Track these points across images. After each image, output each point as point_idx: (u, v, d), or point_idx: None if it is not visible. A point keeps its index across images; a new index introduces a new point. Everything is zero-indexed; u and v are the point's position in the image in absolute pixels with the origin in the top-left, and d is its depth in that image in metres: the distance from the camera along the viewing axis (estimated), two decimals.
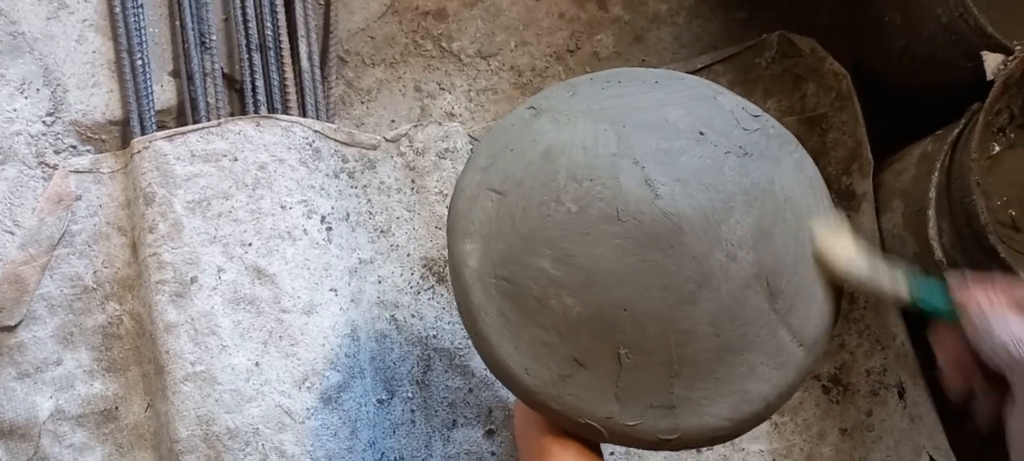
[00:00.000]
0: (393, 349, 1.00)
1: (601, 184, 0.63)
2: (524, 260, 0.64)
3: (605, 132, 0.65)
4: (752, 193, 0.64)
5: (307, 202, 0.94)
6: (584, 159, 0.64)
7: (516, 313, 0.65)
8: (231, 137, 0.93)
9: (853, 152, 1.06)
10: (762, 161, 0.67)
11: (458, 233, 0.68)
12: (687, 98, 0.69)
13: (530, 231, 0.64)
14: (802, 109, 1.08)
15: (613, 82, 0.71)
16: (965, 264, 0.89)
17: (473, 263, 0.66)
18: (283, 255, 0.92)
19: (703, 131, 0.66)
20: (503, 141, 0.69)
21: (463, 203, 0.68)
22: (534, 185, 0.65)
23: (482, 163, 0.69)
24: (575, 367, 0.64)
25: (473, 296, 0.66)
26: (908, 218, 0.95)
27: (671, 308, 0.62)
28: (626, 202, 0.62)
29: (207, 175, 0.92)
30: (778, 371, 0.65)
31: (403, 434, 0.99)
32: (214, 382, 0.89)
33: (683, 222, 0.62)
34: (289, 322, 0.91)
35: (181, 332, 0.90)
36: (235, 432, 0.89)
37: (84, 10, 0.97)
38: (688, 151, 0.65)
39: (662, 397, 0.63)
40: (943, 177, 0.88)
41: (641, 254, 0.62)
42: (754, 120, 0.70)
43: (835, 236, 0.67)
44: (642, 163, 0.63)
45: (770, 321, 0.64)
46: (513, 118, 0.71)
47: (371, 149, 1.01)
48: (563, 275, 0.63)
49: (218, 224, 0.92)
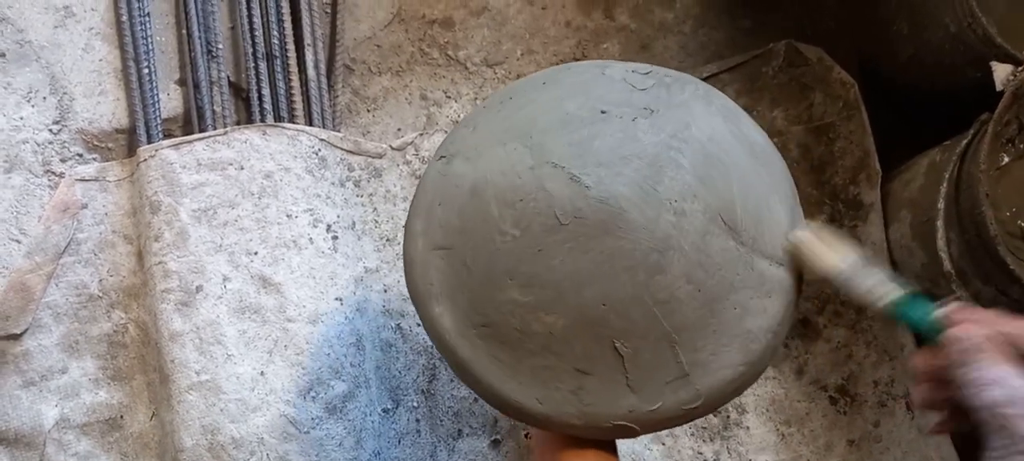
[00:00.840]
0: (399, 358, 1.00)
1: (532, 199, 0.63)
2: (493, 299, 0.64)
3: (516, 150, 0.66)
4: (671, 144, 0.64)
5: (313, 211, 0.94)
6: (507, 182, 0.65)
7: (506, 351, 0.65)
8: (237, 146, 0.93)
9: (860, 162, 1.06)
10: (670, 111, 0.66)
11: (423, 300, 0.68)
12: (578, 84, 0.69)
13: (487, 270, 0.64)
14: (809, 118, 1.08)
15: (505, 100, 0.71)
16: (974, 275, 0.88)
17: (448, 323, 0.67)
18: (289, 264, 0.92)
19: (604, 109, 0.66)
20: (429, 198, 0.69)
21: (417, 272, 0.68)
22: (474, 227, 0.65)
23: (419, 227, 0.69)
24: (581, 377, 0.64)
25: (461, 353, 0.67)
26: (916, 228, 0.95)
27: (644, 284, 0.62)
28: (561, 206, 0.62)
29: (213, 184, 0.92)
30: (769, 298, 0.65)
31: (408, 444, 0.99)
32: (219, 391, 0.89)
33: (621, 201, 0.62)
34: (294, 331, 0.91)
35: (186, 341, 0.90)
36: (240, 442, 0.89)
37: (91, 19, 0.97)
38: (598, 134, 0.65)
39: (672, 370, 0.63)
40: (951, 188, 0.88)
41: (596, 247, 0.62)
42: (646, 78, 0.69)
43: (816, 235, 0.66)
44: (561, 164, 0.63)
45: (742, 256, 0.64)
46: (430, 173, 0.71)
47: (377, 157, 1.01)
48: (534, 297, 0.63)
49: (224, 233, 0.91)
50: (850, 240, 0.67)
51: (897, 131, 1.07)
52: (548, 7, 1.08)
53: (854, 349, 1.05)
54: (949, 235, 0.89)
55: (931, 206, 0.90)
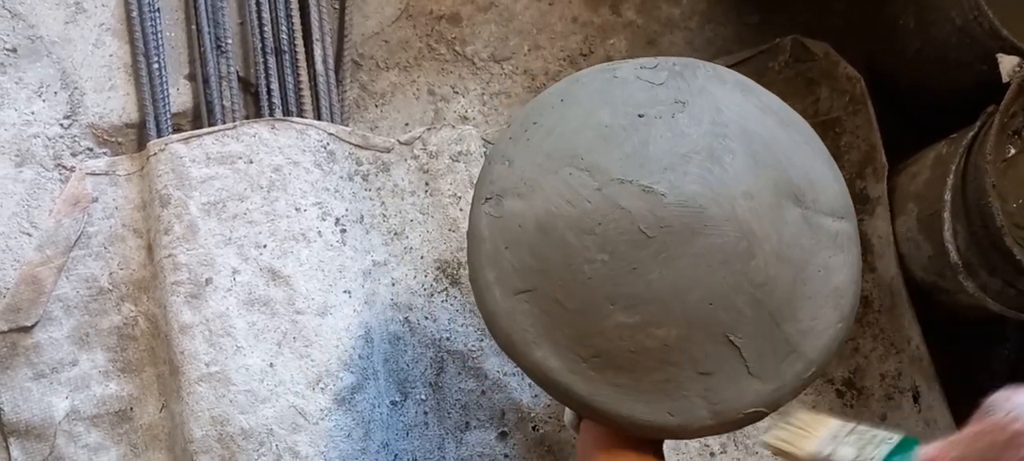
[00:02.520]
0: (407, 351, 1.00)
1: (611, 220, 0.63)
2: (598, 328, 0.63)
3: (573, 176, 0.65)
4: (716, 132, 0.65)
5: (321, 204, 0.94)
6: (577, 211, 0.64)
7: (624, 375, 0.64)
8: (246, 140, 0.93)
9: (867, 156, 1.06)
10: (699, 99, 0.67)
11: (520, 348, 0.66)
12: (598, 94, 0.69)
13: (584, 301, 0.64)
14: (816, 113, 1.08)
15: (529, 126, 0.70)
16: (980, 266, 0.89)
17: (554, 364, 0.65)
18: (297, 257, 0.93)
19: (640, 112, 0.67)
20: (492, 245, 0.68)
21: (504, 322, 0.67)
22: (554, 262, 0.65)
23: (491, 277, 0.67)
24: (705, 379, 0.64)
25: (578, 389, 0.65)
26: (923, 221, 0.95)
27: (742, 273, 0.62)
28: (644, 219, 0.62)
29: (222, 177, 0.93)
30: (842, 252, 0.66)
31: (416, 436, 0.99)
32: (228, 383, 0.90)
33: (699, 199, 0.62)
34: (303, 323, 0.92)
35: (196, 333, 0.90)
36: (249, 433, 0.89)
37: (101, 14, 0.98)
38: (648, 139, 0.65)
39: (783, 346, 0.64)
40: (958, 180, 0.88)
41: (687, 250, 0.62)
42: (657, 71, 0.70)
43: (789, 425, 0.66)
44: (627, 178, 0.64)
45: (810, 219, 0.65)
46: (480, 219, 0.69)
47: (385, 152, 1.01)
48: (640, 316, 0.63)
49: (233, 226, 0.92)
50: (821, 414, 0.66)
51: (903, 126, 1.08)
52: (555, 3, 1.09)
53: (861, 342, 1.05)
54: (956, 227, 0.89)
55: (938, 198, 0.90)
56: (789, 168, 0.66)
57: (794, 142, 0.68)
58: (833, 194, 0.68)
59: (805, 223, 0.65)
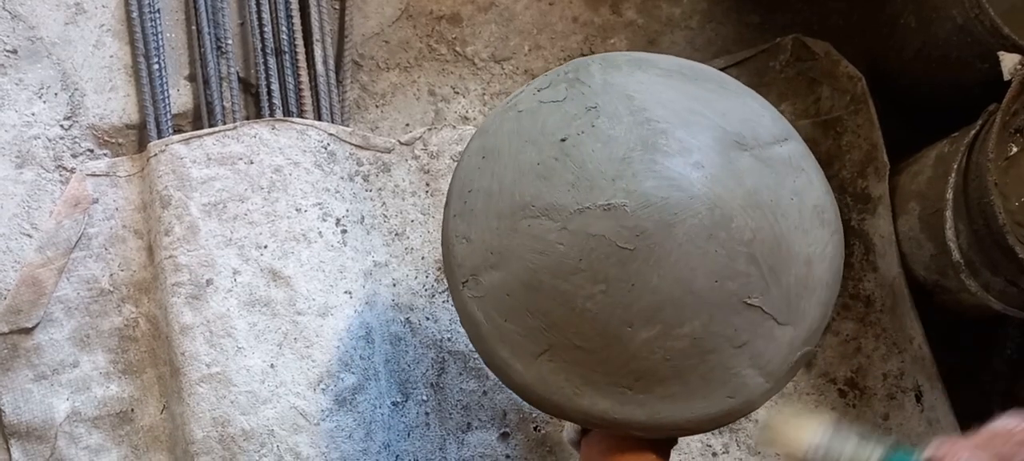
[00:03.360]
0: (408, 351, 1.00)
1: (590, 251, 0.62)
2: (628, 353, 0.63)
3: (531, 226, 0.64)
4: (637, 120, 0.65)
5: (322, 205, 0.94)
6: (554, 259, 0.63)
7: (673, 384, 0.64)
8: (247, 140, 0.93)
9: (868, 155, 1.06)
10: (604, 99, 0.67)
11: (566, 405, 0.66)
12: (514, 138, 0.68)
13: (604, 335, 0.63)
14: (817, 112, 1.08)
15: (467, 196, 0.69)
16: (983, 265, 0.88)
17: (605, 404, 0.65)
18: (298, 257, 0.93)
19: (562, 136, 0.65)
20: (493, 326, 0.67)
21: (540, 388, 0.66)
22: (560, 314, 0.64)
23: (506, 354, 0.67)
24: (744, 349, 0.64)
25: (639, 417, 0.65)
26: (925, 220, 0.95)
27: (728, 238, 0.62)
28: (619, 236, 0.62)
29: (223, 178, 0.93)
30: (802, 171, 0.67)
31: (417, 437, 0.99)
32: (229, 384, 0.90)
33: (658, 193, 0.62)
34: (304, 324, 0.92)
35: (197, 334, 0.90)
36: (250, 433, 0.89)
37: (102, 15, 0.98)
38: (582, 159, 0.64)
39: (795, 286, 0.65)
40: (960, 178, 0.88)
41: (672, 243, 0.62)
42: (554, 90, 0.69)
43: (783, 421, 0.66)
44: (582, 205, 0.63)
45: (759, 157, 0.66)
46: (468, 305, 0.68)
47: (385, 152, 1.01)
48: (661, 323, 0.62)
49: (234, 226, 0.92)
50: (815, 413, 0.67)
51: (905, 125, 1.08)
52: (555, 3, 1.09)
53: (863, 342, 1.05)
54: (958, 226, 0.89)
55: (939, 197, 0.90)
56: (719, 120, 0.65)
57: (711, 92, 0.68)
58: (768, 122, 0.68)
59: (758, 162, 0.65)
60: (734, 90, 0.69)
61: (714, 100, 0.67)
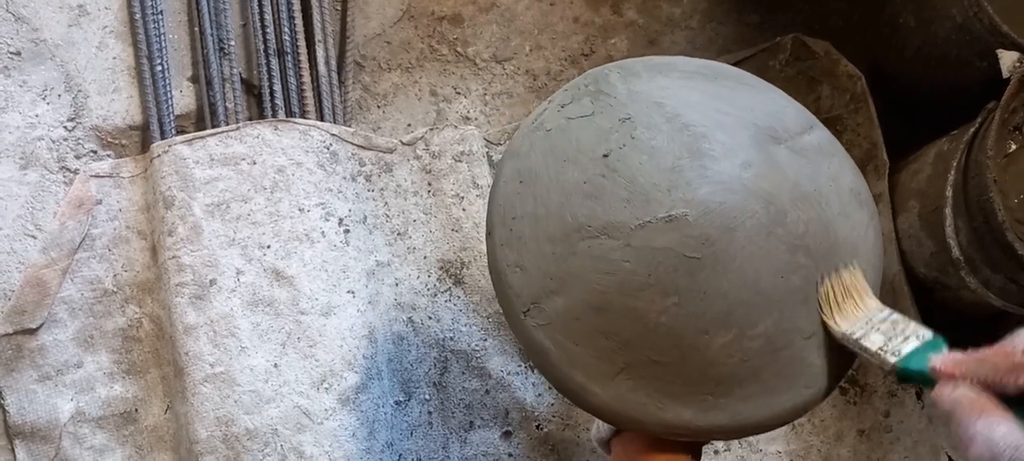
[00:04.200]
0: (410, 351, 1.00)
1: (657, 265, 0.62)
2: (706, 360, 0.62)
3: (591, 247, 0.63)
4: (675, 128, 0.65)
5: (325, 205, 0.95)
6: (620, 278, 0.62)
7: (750, 383, 0.63)
8: (249, 141, 0.94)
9: (868, 153, 1.06)
10: (635, 108, 0.67)
11: (653, 420, 0.65)
12: (550, 159, 0.67)
13: (680, 345, 0.62)
14: (817, 111, 1.08)
15: (511, 223, 0.67)
16: (983, 263, 0.89)
17: (689, 414, 0.64)
18: (301, 257, 0.93)
19: (604, 152, 0.65)
20: (564, 350, 0.65)
21: (620, 407, 0.65)
22: (632, 331, 0.63)
23: (580, 379, 0.65)
24: (814, 338, 0.64)
25: (722, 423, 0.64)
26: (924, 218, 0.95)
27: (785, 235, 0.62)
28: (684, 247, 0.61)
29: (226, 178, 0.93)
30: (833, 156, 0.68)
31: (420, 436, 0.99)
32: (233, 383, 0.90)
33: (715, 198, 0.62)
34: (307, 323, 0.92)
35: (200, 334, 0.91)
36: (254, 433, 0.90)
37: (105, 17, 0.98)
38: (631, 173, 0.63)
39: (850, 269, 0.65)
40: (959, 176, 0.88)
41: (735, 247, 0.61)
42: (579, 105, 0.69)
43: (834, 289, 0.64)
44: (643, 219, 0.62)
45: (794, 149, 0.66)
46: (536, 337, 0.66)
47: (388, 152, 1.02)
48: (736, 327, 0.62)
49: (237, 227, 0.92)
50: (864, 291, 0.64)
51: (905, 124, 1.08)
52: (556, 3, 1.09)
53: None
54: (957, 223, 0.89)
55: (939, 195, 0.90)
56: (749, 116, 0.66)
57: (733, 90, 0.68)
58: (793, 112, 0.69)
59: (794, 154, 0.65)
60: (754, 85, 0.70)
61: (738, 97, 0.67)
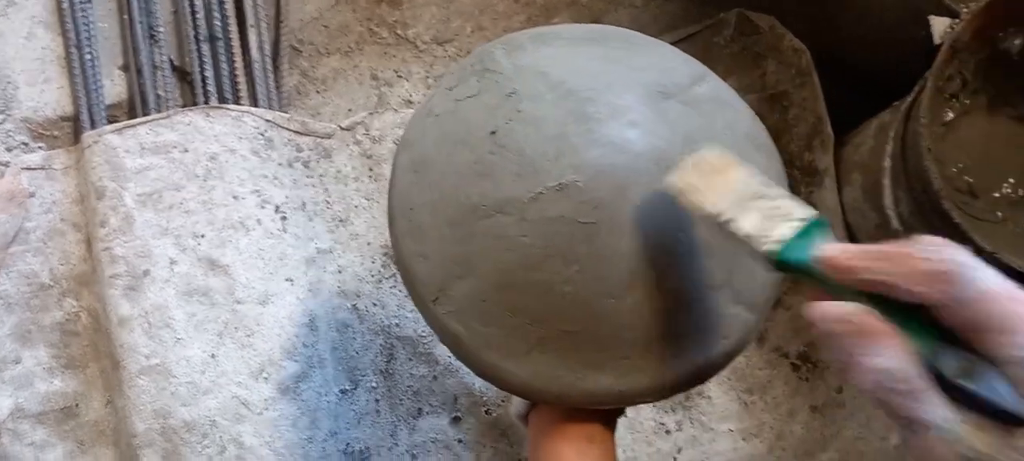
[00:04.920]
0: (355, 338, 0.99)
1: (554, 236, 0.59)
2: (619, 324, 0.60)
3: (489, 226, 0.61)
4: (560, 96, 0.63)
5: (260, 192, 0.93)
6: (522, 251, 0.60)
7: (672, 343, 0.62)
8: (181, 128, 0.92)
9: (814, 128, 1.05)
10: (521, 81, 0.64)
11: (574, 391, 0.63)
12: (441, 143, 0.65)
13: (587, 315, 0.61)
14: (763, 87, 1.07)
15: (409, 214, 0.65)
16: (923, 232, 0.88)
17: (609, 380, 0.62)
18: (236, 246, 0.92)
19: (492, 129, 0.63)
20: (476, 333, 0.63)
21: (537, 382, 0.63)
22: (540, 305, 0.61)
23: (494, 359, 0.64)
24: (726, 288, 0.62)
25: (646, 384, 0.63)
26: (867, 190, 0.95)
27: None
28: (578, 213, 0.59)
29: (157, 167, 0.91)
30: (724, 105, 0.66)
31: (368, 424, 0.98)
32: (169, 375, 0.89)
33: (604, 160, 0.59)
34: (244, 313, 0.91)
35: (135, 326, 0.89)
36: (192, 425, 0.88)
37: (32, 6, 0.96)
38: (519, 147, 0.61)
39: None
40: (897, 146, 0.88)
41: (631, 205, 0.59)
42: (466, 85, 0.67)
43: (695, 171, 0.56)
44: (534, 191, 0.60)
45: (685, 101, 0.64)
46: (449, 324, 0.64)
47: (326, 138, 1.00)
48: (642, 284, 0.60)
49: (169, 216, 0.91)
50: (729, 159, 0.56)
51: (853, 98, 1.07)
52: None
53: None
54: (897, 194, 0.89)
55: (878, 166, 0.89)
56: (638, 75, 0.64)
57: (620, 50, 0.67)
58: (682, 66, 0.67)
59: (685, 107, 0.64)
60: (642, 43, 0.69)
61: (626, 57, 0.66)
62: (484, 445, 1.00)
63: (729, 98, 0.68)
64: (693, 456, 1.01)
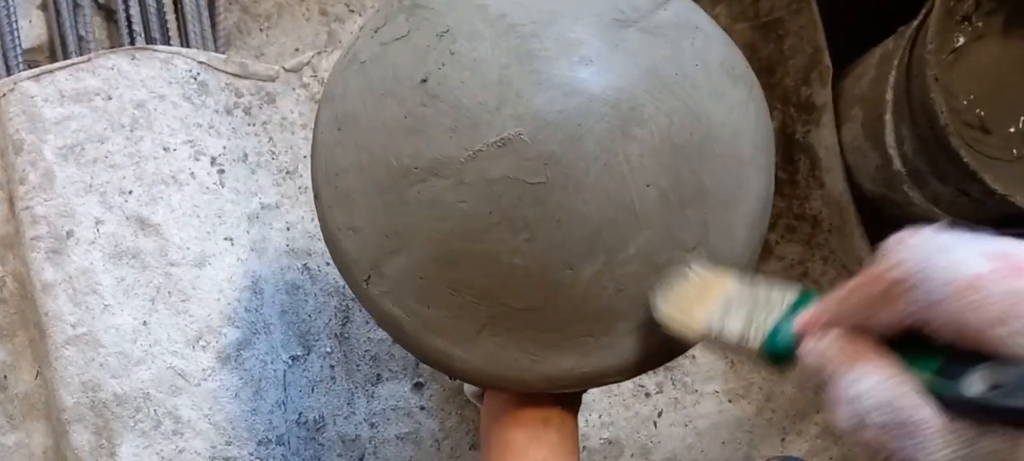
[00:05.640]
0: (307, 301, 0.91)
1: (500, 198, 0.51)
2: (579, 296, 0.53)
3: (421, 191, 0.53)
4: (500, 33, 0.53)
5: (193, 142, 0.85)
6: (460, 219, 0.52)
7: (640, 313, 0.54)
8: (103, 73, 0.83)
9: (812, 59, 0.95)
10: (453, 19, 0.55)
11: (529, 375, 0.56)
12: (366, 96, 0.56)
13: (542, 289, 0.53)
14: (756, 14, 0.97)
15: (335, 180, 0.57)
16: (930, 174, 0.78)
17: (569, 362, 0.55)
18: (168, 202, 0.83)
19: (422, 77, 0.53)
20: (419, 315, 0.55)
21: (491, 368, 0.56)
22: (487, 280, 0.53)
23: (440, 345, 0.56)
24: (699, 249, 0.53)
25: (611, 363, 0.55)
26: (868, 127, 0.85)
27: (645, 137, 0.51)
28: (526, 170, 0.50)
29: (79, 117, 0.83)
30: (695, 30, 0.56)
31: (322, 392, 0.91)
32: (97, 345, 0.81)
33: (551, 108, 0.50)
34: (178, 276, 0.83)
35: (59, 292, 0.81)
36: (123, 398, 0.81)
37: None
38: (454, 97, 0.52)
39: (731, 164, 0.55)
40: (901, 76, 0.78)
41: (585, 159, 0.50)
42: (393, 26, 0.57)
43: (677, 297, 0.52)
44: (472, 148, 0.51)
45: (646, 29, 0.54)
46: (384, 305, 0.56)
47: (268, 81, 0.91)
48: (603, 253, 0.52)
49: (94, 171, 0.82)
50: (718, 274, 0.52)
51: (852, 25, 0.97)
52: None
53: (810, 266, 0.95)
54: (900, 131, 0.79)
55: (881, 99, 0.79)
56: (591, 2, 0.54)
57: None
58: None
59: (646, 35, 0.53)
60: None
61: None
62: (449, 412, 0.93)
63: (699, 21, 0.57)
64: (675, 419, 0.93)
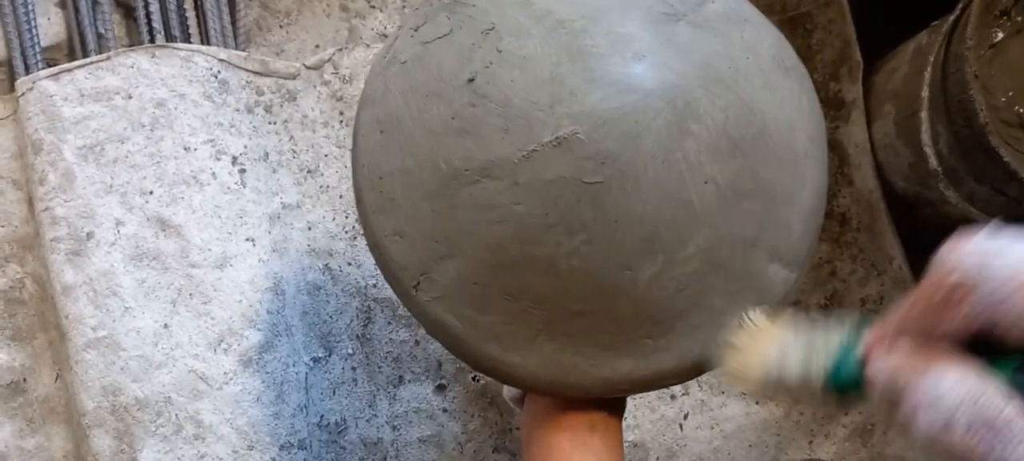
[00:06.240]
0: (329, 302, 0.90)
1: (557, 199, 0.50)
2: (637, 297, 0.52)
3: (473, 195, 0.52)
4: (549, 29, 0.52)
5: (214, 142, 0.83)
6: (515, 222, 0.51)
7: (702, 313, 0.53)
8: (123, 71, 0.82)
9: (841, 53, 0.93)
10: (498, 15, 0.54)
11: (588, 380, 0.55)
12: (408, 97, 0.55)
13: (596, 291, 0.52)
14: (783, 8, 0.95)
15: (380, 184, 0.56)
16: (966, 173, 0.77)
17: (627, 364, 0.54)
18: (189, 203, 0.82)
19: (470, 76, 0.53)
20: (475, 323, 0.55)
21: (547, 372, 0.55)
22: (543, 285, 0.52)
23: (496, 352, 0.55)
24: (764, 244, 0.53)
25: (670, 366, 0.54)
26: (900, 124, 0.83)
27: (704, 132, 0.51)
28: (583, 171, 0.50)
29: (99, 116, 0.82)
30: (745, 22, 0.56)
31: (344, 394, 0.90)
32: (118, 348, 0.80)
33: (607, 104, 0.49)
34: (199, 278, 0.81)
35: (79, 294, 0.80)
36: (144, 402, 0.80)
37: None
38: (504, 97, 0.51)
39: (788, 157, 0.54)
40: (937, 72, 0.76)
41: (644, 156, 0.49)
42: (434, 25, 0.56)
43: (735, 349, 0.52)
44: (527, 148, 0.50)
45: (696, 23, 0.54)
46: (434, 312, 0.56)
47: (290, 78, 0.90)
48: (663, 251, 0.51)
49: (114, 171, 0.81)
50: (772, 322, 0.51)
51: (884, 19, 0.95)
52: None
53: (838, 265, 0.94)
54: (936, 128, 0.77)
55: (915, 96, 0.78)
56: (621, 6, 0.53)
57: None
58: None
59: (696, 29, 0.53)
60: None
61: None
62: (471, 415, 0.91)
63: (747, 13, 0.56)
64: (701, 421, 0.92)
